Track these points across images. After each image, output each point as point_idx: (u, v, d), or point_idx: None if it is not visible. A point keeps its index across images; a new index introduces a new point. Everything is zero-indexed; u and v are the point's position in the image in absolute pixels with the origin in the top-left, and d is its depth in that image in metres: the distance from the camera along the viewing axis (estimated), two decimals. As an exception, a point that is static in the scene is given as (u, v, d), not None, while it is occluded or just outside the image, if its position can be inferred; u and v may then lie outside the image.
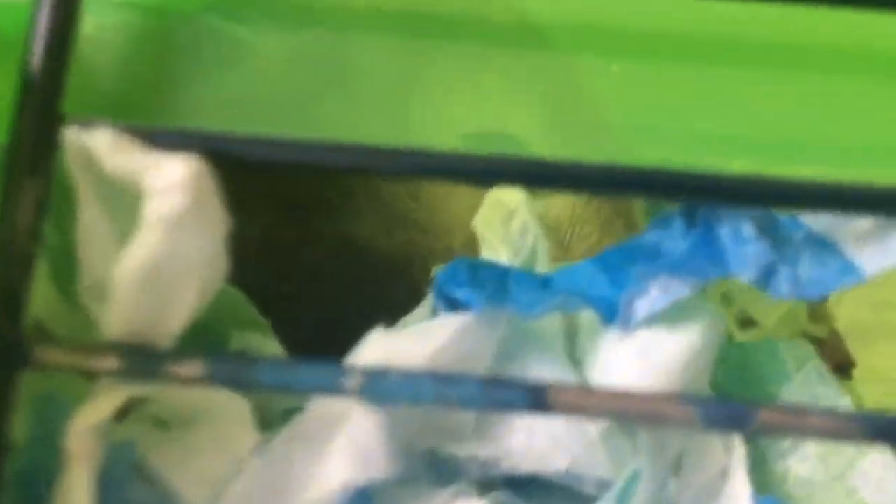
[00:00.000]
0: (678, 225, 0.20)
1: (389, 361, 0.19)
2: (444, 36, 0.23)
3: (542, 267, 0.23)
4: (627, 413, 0.18)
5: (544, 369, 0.22)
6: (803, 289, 0.19)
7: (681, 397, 0.18)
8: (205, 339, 0.24)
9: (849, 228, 0.20)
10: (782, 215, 0.20)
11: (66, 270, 0.21)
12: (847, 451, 0.23)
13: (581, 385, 0.20)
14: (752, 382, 0.24)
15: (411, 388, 0.18)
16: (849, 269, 0.19)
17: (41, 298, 0.20)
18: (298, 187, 0.27)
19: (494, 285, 0.21)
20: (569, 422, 0.21)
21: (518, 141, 0.22)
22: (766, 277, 0.19)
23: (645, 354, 0.20)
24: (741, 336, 0.31)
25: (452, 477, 0.21)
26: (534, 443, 0.21)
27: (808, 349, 0.24)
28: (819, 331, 0.45)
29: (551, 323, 0.23)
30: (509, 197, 0.24)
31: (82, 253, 0.19)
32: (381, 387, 0.18)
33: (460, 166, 0.19)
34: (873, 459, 0.23)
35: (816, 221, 0.20)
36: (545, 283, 0.21)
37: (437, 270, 0.21)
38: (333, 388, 0.18)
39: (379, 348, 0.20)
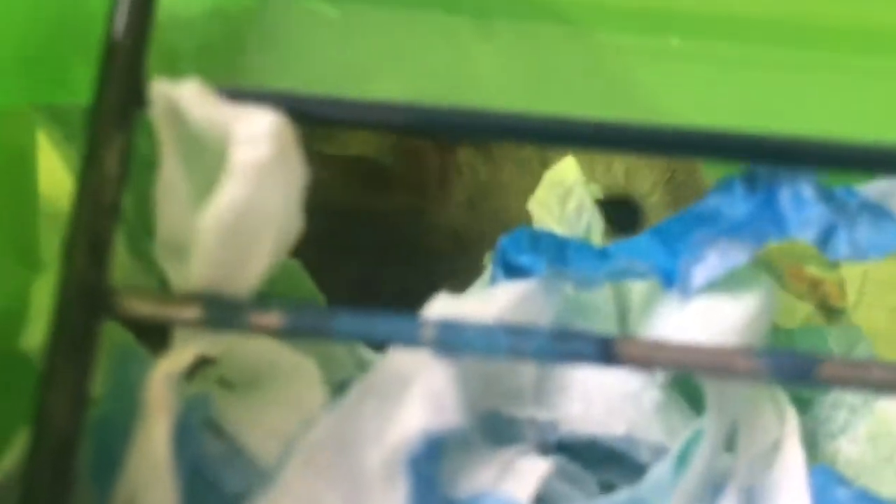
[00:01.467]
0: (739, 189, 0.20)
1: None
2: (492, 14, 0.23)
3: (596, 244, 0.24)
4: (696, 365, 0.19)
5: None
6: (862, 251, 0.20)
7: (748, 350, 0.18)
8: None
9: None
10: (836, 185, 0.21)
11: (136, 231, 0.22)
12: None
13: (645, 338, 0.20)
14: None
15: (485, 340, 0.18)
16: (902, 230, 0.20)
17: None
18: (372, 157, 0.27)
19: (554, 253, 0.21)
20: (627, 386, 0.22)
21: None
22: (825, 239, 0.20)
23: (704, 320, 0.20)
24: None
25: (512, 438, 0.21)
26: (591, 409, 0.21)
27: (858, 332, 0.24)
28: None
29: (603, 296, 0.23)
30: (566, 177, 0.25)
31: (160, 209, 0.19)
32: (456, 338, 0.18)
33: (520, 126, 0.20)
34: None
35: (870, 190, 0.20)
36: (603, 253, 0.22)
37: (501, 238, 0.22)
38: (410, 339, 0.18)
39: (444, 310, 0.20)
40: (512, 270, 0.22)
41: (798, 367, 0.18)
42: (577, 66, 0.23)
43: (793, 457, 0.22)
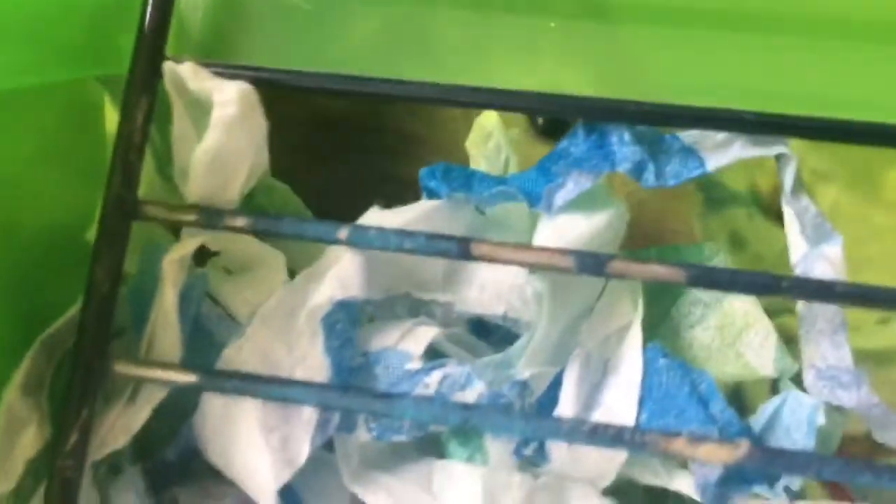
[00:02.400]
0: (581, 134, 0.27)
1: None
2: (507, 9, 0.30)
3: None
4: (528, 261, 0.26)
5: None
6: (666, 179, 0.26)
7: (563, 250, 0.26)
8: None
9: (709, 140, 0.27)
10: (666, 132, 0.27)
11: (165, 162, 0.31)
12: (738, 323, 0.30)
13: (496, 241, 0.27)
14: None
15: (381, 238, 0.27)
16: (699, 166, 0.26)
17: (148, 180, 0.30)
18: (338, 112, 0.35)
19: (461, 181, 0.29)
20: (516, 279, 0.29)
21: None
22: (637, 172, 0.27)
23: (560, 231, 0.28)
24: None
25: (420, 314, 0.29)
26: (483, 294, 0.29)
27: (714, 248, 0.31)
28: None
29: (517, 214, 0.31)
30: (486, 123, 0.32)
31: (175, 148, 0.28)
32: (360, 237, 0.27)
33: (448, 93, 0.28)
34: (756, 330, 0.29)
35: (687, 136, 0.27)
36: (500, 181, 0.29)
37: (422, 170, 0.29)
38: (329, 238, 0.27)
39: (371, 218, 0.28)
40: (429, 193, 0.29)
41: (596, 263, 0.25)
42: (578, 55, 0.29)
43: (635, 336, 0.29)
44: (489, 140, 0.32)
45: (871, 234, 0.48)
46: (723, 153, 0.26)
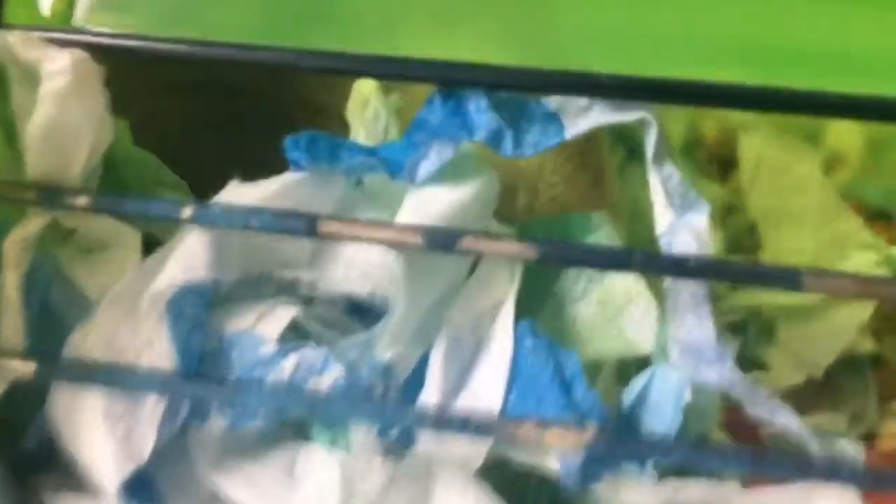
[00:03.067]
0: (437, 102, 0.26)
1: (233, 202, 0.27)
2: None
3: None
4: (377, 239, 0.25)
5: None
6: (523, 149, 0.25)
7: (414, 228, 0.24)
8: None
9: (573, 106, 0.25)
10: (531, 98, 0.26)
11: (13, 135, 0.30)
12: (619, 299, 0.28)
13: (344, 218, 0.26)
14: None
15: (226, 217, 0.25)
16: (558, 133, 0.25)
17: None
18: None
19: (327, 151, 0.27)
20: (385, 257, 0.28)
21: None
22: (495, 140, 0.25)
23: (425, 204, 0.26)
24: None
25: (281, 294, 0.28)
26: (349, 272, 0.28)
27: (601, 217, 0.29)
28: (737, 222, 0.49)
29: (392, 183, 0.29)
30: (363, 89, 0.30)
31: (19, 120, 0.27)
32: (206, 216, 0.25)
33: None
34: (638, 305, 0.28)
35: (551, 102, 0.25)
36: (371, 152, 0.28)
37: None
38: (173, 217, 0.25)
39: (232, 193, 0.27)
40: (294, 164, 0.28)
41: (446, 240, 0.24)
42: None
43: (507, 313, 0.27)
44: (367, 107, 0.30)
45: (795, 186, 0.46)
46: (583, 119, 0.25)
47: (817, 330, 0.44)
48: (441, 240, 0.24)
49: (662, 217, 0.25)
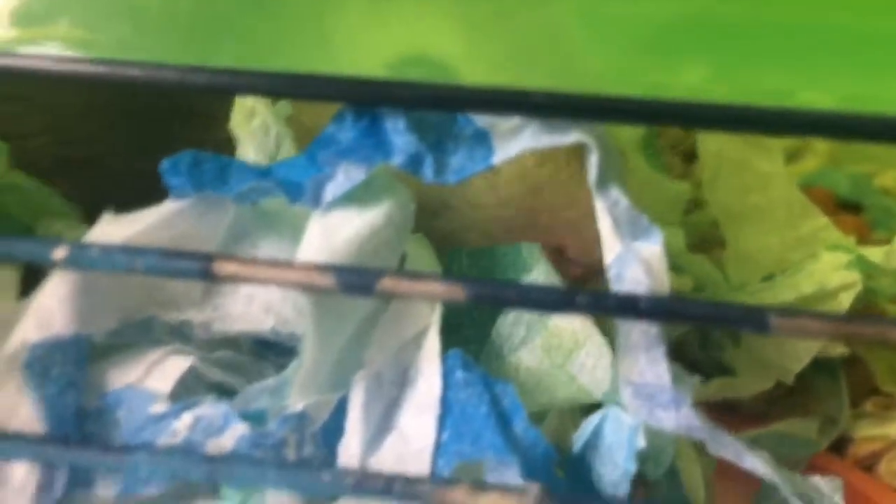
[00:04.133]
0: (349, 119, 0.23)
1: (109, 238, 0.23)
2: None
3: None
4: (285, 281, 0.22)
5: (272, 247, 0.25)
6: (446, 176, 0.22)
7: (324, 267, 0.21)
8: (10, 227, 0.28)
9: (503, 125, 0.22)
10: (459, 115, 0.23)
11: None
12: (566, 343, 0.26)
13: (243, 257, 0.23)
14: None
15: (107, 259, 0.22)
16: (487, 156, 0.22)
17: None
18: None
19: (212, 174, 0.24)
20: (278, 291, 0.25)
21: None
22: (414, 165, 0.22)
23: (331, 231, 0.23)
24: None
25: (170, 339, 0.25)
26: (250, 308, 0.25)
27: (535, 250, 0.27)
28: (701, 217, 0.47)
29: (285, 205, 0.26)
30: (247, 99, 0.27)
31: None
32: (83, 257, 0.22)
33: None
34: (588, 350, 0.26)
35: (480, 119, 0.23)
36: (264, 173, 0.24)
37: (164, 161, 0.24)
38: (43, 259, 0.22)
39: (106, 229, 0.23)
40: (175, 191, 0.24)
41: (363, 282, 0.21)
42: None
43: (432, 343, 0.25)
44: (253, 118, 0.27)
45: (756, 183, 0.45)
46: (514, 141, 0.22)
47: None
48: (356, 281, 0.21)
49: (610, 246, 0.22)
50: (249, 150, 0.27)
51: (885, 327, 0.20)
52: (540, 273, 0.27)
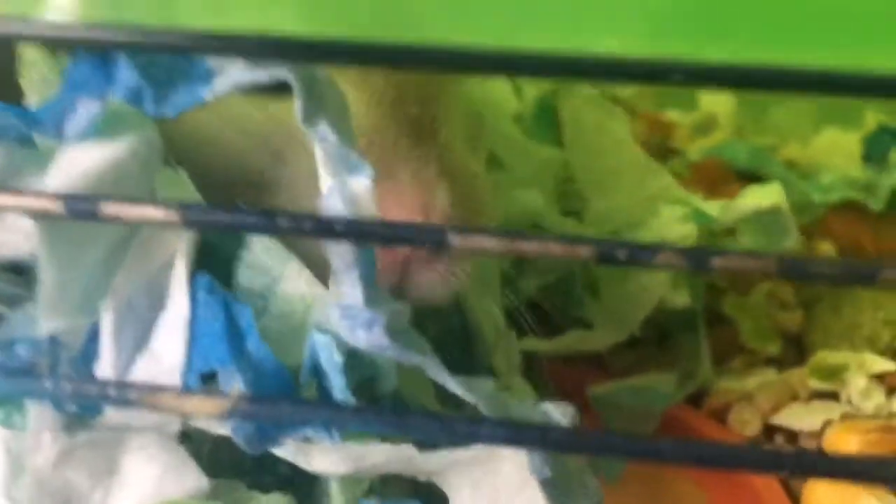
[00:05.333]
0: (81, 56, 0.24)
1: None
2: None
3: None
4: (14, 207, 0.23)
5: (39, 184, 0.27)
6: (164, 107, 0.24)
7: (52, 194, 0.23)
8: None
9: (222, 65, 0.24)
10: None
11: None
12: (298, 307, 0.28)
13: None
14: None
15: None
16: (203, 92, 0.24)
17: None
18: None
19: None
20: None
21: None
22: (135, 98, 0.24)
23: (70, 164, 0.25)
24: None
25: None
26: (16, 235, 0.26)
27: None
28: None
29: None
30: (30, 50, 0.28)
31: None
32: None
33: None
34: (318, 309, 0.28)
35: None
36: (24, 114, 0.26)
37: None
38: None
39: None
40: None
41: (87, 207, 0.23)
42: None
43: (180, 268, 0.27)
44: (32, 70, 0.29)
45: (612, 146, 0.47)
46: (223, 77, 0.24)
47: (632, 286, 0.45)
48: (82, 207, 0.23)
49: (324, 179, 0.25)
50: (34, 102, 0.28)
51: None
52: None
